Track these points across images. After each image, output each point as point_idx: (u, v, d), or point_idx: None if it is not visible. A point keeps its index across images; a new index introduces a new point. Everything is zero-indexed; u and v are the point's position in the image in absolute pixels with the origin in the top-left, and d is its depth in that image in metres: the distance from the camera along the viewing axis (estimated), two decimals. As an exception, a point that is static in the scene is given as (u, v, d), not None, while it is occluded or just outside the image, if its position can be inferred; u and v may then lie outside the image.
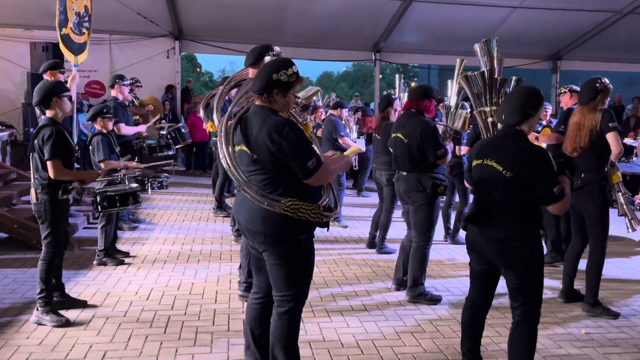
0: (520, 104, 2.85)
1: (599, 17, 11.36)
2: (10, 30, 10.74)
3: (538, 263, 2.87)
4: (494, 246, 2.87)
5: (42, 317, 3.71)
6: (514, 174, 2.78)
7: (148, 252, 5.58)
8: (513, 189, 2.80)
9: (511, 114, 2.87)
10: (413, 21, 11.28)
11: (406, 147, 4.33)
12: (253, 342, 2.91)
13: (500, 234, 2.84)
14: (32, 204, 3.84)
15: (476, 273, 3.07)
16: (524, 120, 2.86)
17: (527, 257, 2.82)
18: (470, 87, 3.81)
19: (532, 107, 2.86)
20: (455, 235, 6.33)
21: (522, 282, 2.84)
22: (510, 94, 3.10)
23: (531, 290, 2.86)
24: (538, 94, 2.92)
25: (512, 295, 2.91)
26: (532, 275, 2.85)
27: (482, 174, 2.94)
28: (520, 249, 2.80)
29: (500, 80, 3.68)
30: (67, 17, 6.09)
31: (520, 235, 2.81)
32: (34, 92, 3.86)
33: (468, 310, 3.12)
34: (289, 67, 2.65)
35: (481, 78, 3.75)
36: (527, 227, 2.84)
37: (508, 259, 2.84)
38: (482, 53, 3.87)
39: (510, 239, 2.81)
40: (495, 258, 2.90)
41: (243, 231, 2.79)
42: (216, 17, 11.11)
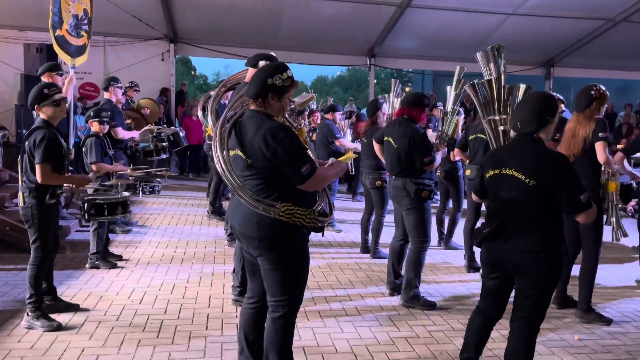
0: (537, 111, 2.76)
1: (592, 25, 11.47)
2: (4, 31, 10.69)
3: (557, 276, 2.77)
4: (517, 260, 2.75)
5: (33, 322, 3.67)
6: (538, 182, 2.66)
7: (141, 256, 5.55)
8: (536, 198, 2.68)
9: (528, 122, 2.77)
10: (408, 27, 11.34)
11: (395, 153, 4.43)
12: (247, 347, 2.89)
13: (523, 246, 2.73)
14: (19, 207, 3.78)
15: (492, 289, 2.96)
16: (541, 128, 2.76)
17: (548, 269, 2.70)
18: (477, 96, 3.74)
19: (549, 114, 2.76)
20: (449, 240, 6.35)
21: (537, 293, 2.75)
22: (524, 102, 2.96)
23: (542, 302, 2.78)
24: (553, 100, 2.83)
25: (520, 304, 2.81)
26: (548, 288, 2.77)
27: (500, 184, 2.81)
28: (543, 261, 2.69)
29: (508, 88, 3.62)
30: (62, 18, 6.06)
31: (544, 247, 2.70)
32: (29, 94, 3.81)
33: (479, 322, 3.02)
34: (283, 72, 2.65)
35: (489, 86, 3.68)
36: (551, 238, 2.73)
37: (528, 269, 2.73)
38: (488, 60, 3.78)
39: (534, 251, 2.70)
40: (514, 269, 2.79)
41: (237, 236, 2.78)
42: (211, 20, 11.11)
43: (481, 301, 3.05)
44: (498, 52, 3.68)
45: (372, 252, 5.88)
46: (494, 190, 2.88)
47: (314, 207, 2.69)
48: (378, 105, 5.84)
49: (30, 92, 3.81)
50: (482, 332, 3.03)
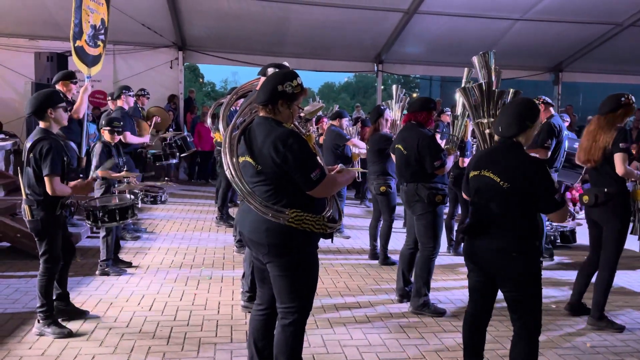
0: (517, 116, 2.85)
1: (600, 30, 11.42)
2: (14, 40, 10.82)
3: (535, 275, 2.84)
4: (490, 257, 2.86)
5: (44, 329, 3.69)
6: (511, 185, 2.78)
7: (150, 262, 5.57)
8: (510, 200, 2.80)
9: (508, 126, 2.87)
10: (415, 33, 11.35)
11: (405, 159, 4.41)
12: (256, 353, 2.89)
13: (497, 245, 2.83)
14: (26, 221, 3.68)
15: (474, 286, 3.04)
16: (520, 132, 2.85)
17: (523, 268, 2.80)
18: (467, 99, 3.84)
19: (529, 119, 2.85)
20: (458, 247, 6.32)
21: (519, 294, 2.83)
22: (507, 106, 3.11)
23: (529, 302, 2.84)
24: (534, 106, 2.92)
25: (510, 307, 2.90)
26: (529, 288, 2.83)
27: (479, 185, 2.94)
28: (516, 260, 2.79)
29: (497, 92, 3.70)
30: (82, 29, 6.13)
31: (517, 246, 2.79)
32: (28, 102, 3.70)
33: (468, 324, 3.09)
34: (293, 79, 2.66)
35: (479, 90, 3.78)
36: (524, 238, 2.82)
37: (504, 270, 2.83)
38: (481, 65, 3.90)
39: (507, 251, 2.80)
40: (492, 269, 2.89)
41: (247, 242, 2.79)
42: (219, 28, 11.19)
43: (469, 303, 3.12)
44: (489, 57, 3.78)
45: (381, 258, 5.86)
46: (474, 190, 3.00)
47: (323, 213, 2.69)
48: (380, 111, 5.86)
49: (32, 99, 3.69)
50: (475, 333, 3.07)
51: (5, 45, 10.74)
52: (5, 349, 3.48)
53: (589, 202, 4.07)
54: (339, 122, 7.10)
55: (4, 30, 10.67)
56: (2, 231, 5.43)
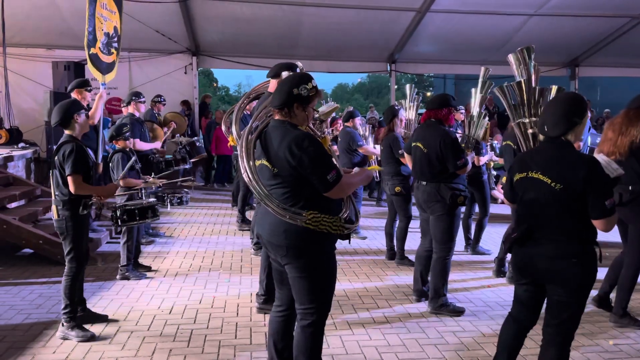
0: (565, 113, 2.68)
1: (616, 23, 11.25)
2: (32, 50, 11.02)
3: (590, 282, 2.67)
4: (545, 265, 2.68)
5: (68, 333, 3.76)
6: (564, 186, 2.60)
7: (170, 266, 5.63)
8: (563, 202, 2.62)
9: (555, 125, 2.70)
10: (428, 31, 11.30)
11: (425, 157, 4.30)
12: (276, 355, 2.91)
13: (553, 251, 2.66)
14: (53, 220, 3.91)
15: (524, 297, 2.88)
16: (569, 130, 2.69)
17: (580, 274, 2.63)
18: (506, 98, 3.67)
19: (577, 116, 2.68)
20: (476, 245, 6.28)
21: (570, 300, 2.67)
22: (551, 103, 2.88)
23: (575, 308, 2.69)
24: (582, 101, 2.76)
25: (553, 311, 2.73)
26: (582, 295, 2.68)
27: (527, 187, 2.76)
28: (574, 266, 2.62)
29: (539, 90, 3.53)
30: (96, 37, 6.23)
31: (574, 251, 2.63)
32: (52, 113, 3.93)
33: (512, 331, 2.94)
34: (308, 82, 2.68)
35: (518, 88, 3.61)
36: (582, 243, 2.65)
37: (559, 275, 2.65)
38: (518, 62, 3.72)
39: (564, 256, 2.63)
40: (544, 276, 2.71)
41: (265, 244, 2.81)
42: (232, 32, 11.27)
43: (513, 308, 2.98)
44: (528, 54, 3.62)
45: (397, 258, 5.84)
46: (521, 194, 2.83)
47: (340, 214, 2.71)
48: (394, 111, 5.83)
49: (57, 108, 3.89)
50: (515, 340, 2.95)
51: (24, 55, 10.94)
52: (29, 353, 3.55)
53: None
54: (352, 122, 7.08)
55: (22, 41, 10.87)
56: (25, 238, 5.53)
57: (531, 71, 3.58)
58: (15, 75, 10.55)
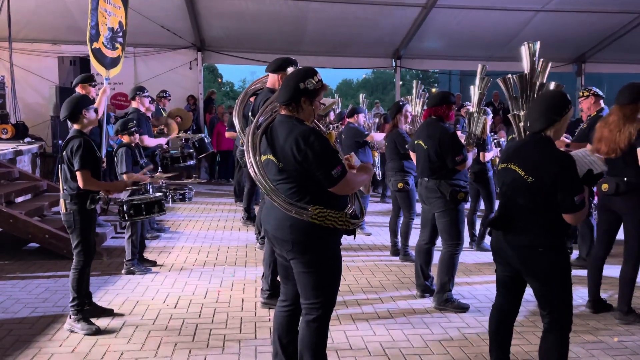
0: (544, 110, 2.79)
1: (623, 19, 11.19)
2: (38, 45, 11.07)
3: (563, 270, 2.77)
4: (517, 253, 2.81)
5: (74, 325, 3.80)
6: (535, 179, 2.72)
7: (174, 261, 5.65)
8: (535, 194, 2.74)
9: (536, 120, 2.81)
10: (433, 27, 11.27)
11: (426, 154, 4.35)
12: (281, 350, 2.92)
13: (524, 240, 2.78)
14: (61, 214, 3.94)
15: (502, 279, 3.02)
16: (548, 126, 2.79)
17: (550, 264, 2.75)
18: (507, 90, 3.70)
19: (556, 113, 2.77)
20: (480, 242, 6.27)
21: (548, 290, 2.78)
22: (536, 99, 3.04)
23: (558, 298, 2.78)
24: (563, 99, 2.82)
25: (539, 303, 2.86)
26: (558, 283, 2.77)
27: (505, 177, 2.90)
28: (543, 256, 2.74)
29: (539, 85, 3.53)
30: (99, 31, 6.24)
31: (544, 242, 2.75)
32: (62, 107, 3.97)
33: (495, 318, 3.07)
34: (314, 75, 2.68)
35: (519, 81, 3.63)
36: (551, 234, 2.76)
37: (532, 266, 2.78)
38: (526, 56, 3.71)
39: (534, 246, 2.75)
40: (519, 265, 2.83)
41: (271, 239, 2.82)
42: (237, 28, 11.27)
43: (496, 297, 3.10)
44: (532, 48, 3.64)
45: (401, 254, 5.84)
46: (500, 183, 2.97)
47: (345, 209, 2.71)
48: (399, 107, 5.83)
49: (67, 103, 3.94)
50: (501, 328, 3.05)
51: (30, 50, 10.99)
52: (36, 346, 3.58)
53: (609, 191, 3.99)
54: (355, 118, 7.04)
55: (28, 36, 10.91)
56: (32, 232, 5.56)
57: (536, 65, 3.58)
58: (21, 70, 10.60)
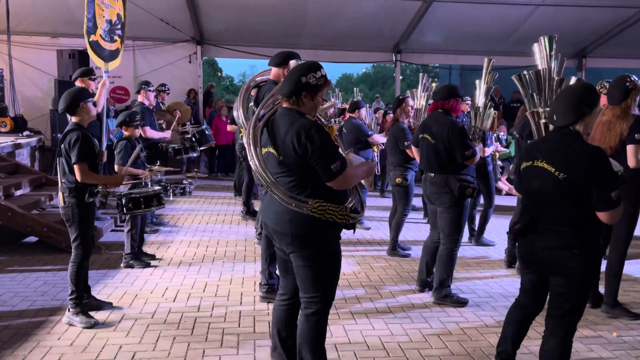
0: (574, 103, 2.65)
1: (624, 14, 11.15)
2: (37, 38, 11.02)
3: (592, 274, 2.65)
4: (548, 256, 2.68)
5: (73, 318, 3.79)
6: (568, 176, 2.57)
7: (173, 255, 5.65)
8: (567, 192, 2.59)
9: (564, 114, 2.66)
10: (434, 21, 11.23)
11: (433, 148, 4.26)
12: (280, 343, 2.92)
13: (554, 242, 2.65)
14: (60, 207, 3.93)
15: (530, 284, 2.91)
16: (578, 120, 2.65)
17: (582, 266, 2.60)
18: (523, 87, 3.64)
19: (587, 105, 2.64)
20: (480, 237, 6.27)
21: (572, 292, 2.67)
22: (562, 93, 2.86)
23: (577, 301, 2.68)
24: (593, 91, 2.71)
25: (555, 302, 2.73)
26: (584, 287, 2.67)
27: (532, 176, 2.75)
28: (576, 257, 2.60)
29: (557, 81, 3.49)
30: (96, 24, 6.20)
31: (577, 243, 2.61)
32: (60, 99, 3.96)
33: (516, 317, 2.98)
34: (317, 70, 2.67)
35: (536, 77, 3.59)
36: (585, 234, 2.63)
37: (561, 266, 2.65)
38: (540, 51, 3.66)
39: (566, 247, 2.62)
40: (547, 266, 2.71)
41: (270, 233, 2.81)
42: (236, 21, 11.23)
43: (520, 295, 3.01)
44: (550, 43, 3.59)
45: (389, 248, 5.78)
46: (526, 183, 2.82)
47: (345, 203, 2.70)
48: (400, 101, 5.81)
49: (65, 95, 3.92)
50: (520, 325, 2.98)
51: (29, 43, 10.94)
52: (34, 340, 3.57)
53: None
54: (357, 113, 7.01)
55: (27, 29, 10.86)
56: (30, 226, 5.55)
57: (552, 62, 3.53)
58: (20, 64, 10.55)
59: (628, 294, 4.60)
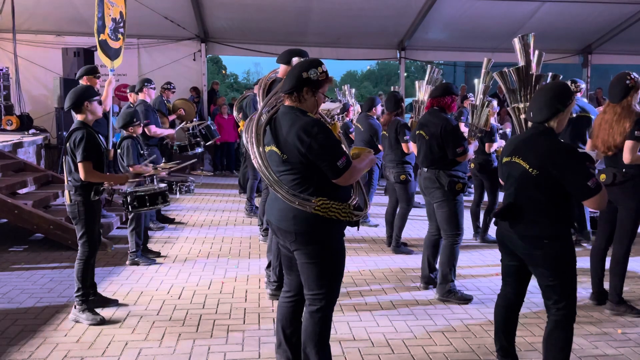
0: (548, 100, 2.78)
1: (630, 10, 11.08)
2: (42, 36, 11.06)
3: (569, 261, 2.78)
4: (523, 243, 2.82)
5: (79, 315, 3.82)
6: (540, 172, 2.71)
7: (179, 252, 5.67)
8: (540, 186, 2.74)
9: (539, 111, 2.80)
10: (438, 18, 11.19)
11: (427, 144, 4.36)
12: (284, 340, 2.93)
13: (530, 231, 2.79)
14: (66, 205, 3.96)
15: (507, 269, 3.03)
16: (552, 117, 2.78)
17: (557, 254, 2.75)
18: (505, 83, 3.70)
19: (560, 103, 2.77)
20: (484, 234, 6.26)
21: (553, 280, 2.78)
22: (538, 90, 3.02)
23: (563, 288, 2.79)
24: (566, 89, 2.83)
25: (544, 293, 2.86)
26: (563, 273, 2.78)
27: (510, 171, 2.89)
28: (549, 247, 2.74)
29: (535, 77, 3.55)
30: (105, 23, 6.23)
31: (550, 233, 2.75)
32: (66, 97, 3.97)
33: (500, 307, 3.09)
34: (318, 66, 2.67)
35: (516, 74, 3.63)
36: (557, 225, 2.77)
37: (537, 256, 2.78)
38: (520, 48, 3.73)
39: (540, 237, 2.76)
40: (524, 255, 2.85)
41: (274, 230, 2.82)
42: (241, 19, 11.23)
43: (502, 286, 3.11)
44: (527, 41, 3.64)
45: (393, 245, 5.80)
46: (506, 176, 2.96)
47: (349, 201, 2.70)
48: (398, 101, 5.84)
49: (71, 93, 3.94)
50: (506, 317, 3.06)
51: (34, 42, 10.98)
52: (41, 336, 3.60)
53: (607, 181, 4.01)
54: (374, 111, 6.67)
55: (32, 28, 10.91)
56: (36, 223, 5.59)
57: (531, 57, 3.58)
58: (26, 62, 10.60)
59: (633, 291, 4.59)
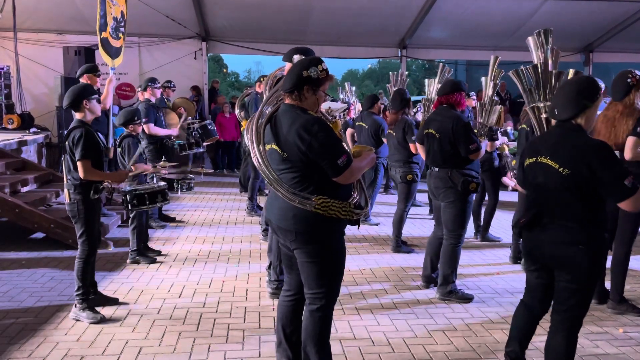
0: (574, 96, 2.61)
1: (631, 8, 11.05)
2: (43, 35, 11.06)
3: (598, 269, 2.65)
4: (554, 251, 2.65)
5: (79, 314, 3.82)
6: (572, 171, 2.53)
7: (179, 251, 5.67)
8: (571, 187, 2.55)
9: (564, 107, 2.62)
10: (440, 16, 11.17)
11: (438, 143, 4.25)
12: (284, 339, 2.92)
13: (560, 237, 2.62)
14: (65, 204, 3.96)
15: (535, 285, 2.88)
16: (579, 113, 2.61)
17: (588, 261, 2.57)
18: (521, 82, 3.62)
19: (588, 98, 2.60)
20: (485, 233, 6.25)
21: (577, 287, 2.62)
22: (563, 86, 2.81)
23: (583, 296, 2.65)
24: (594, 84, 2.66)
25: (560, 297, 2.69)
26: (590, 282, 2.63)
27: (536, 173, 2.72)
28: (582, 252, 2.57)
29: (555, 74, 3.46)
30: (107, 21, 6.24)
31: (583, 238, 2.57)
32: (65, 95, 3.97)
33: (523, 316, 2.96)
34: (318, 64, 2.66)
35: (534, 72, 3.56)
36: (590, 229, 2.59)
37: (566, 261, 2.62)
38: (536, 46, 3.64)
39: (572, 242, 2.58)
40: (552, 260, 2.69)
41: (274, 229, 2.81)
42: (242, 17, 11.22)
43: (525, 294, 2.98)
44: (545, 37, 3.57)
45: (393, 245, 5.78)
46: (531, 179, 2.79)
47: (349, 199, 2.69)
48: (407, 100, 5.81)
49: (69, 92, 3.93)
50: (526, 326, 2.96)
51: (35, 40, 10.98)
52: (42, 335, 3.60)
53: None
54: (377, 107, 6.77)
55: (33, 26, 10.90)
56: (37, 222, 5.59)
57: (548, 54, 3.51)
58: (27, 60, 10.60)
59: (634, 290, 4.58)
